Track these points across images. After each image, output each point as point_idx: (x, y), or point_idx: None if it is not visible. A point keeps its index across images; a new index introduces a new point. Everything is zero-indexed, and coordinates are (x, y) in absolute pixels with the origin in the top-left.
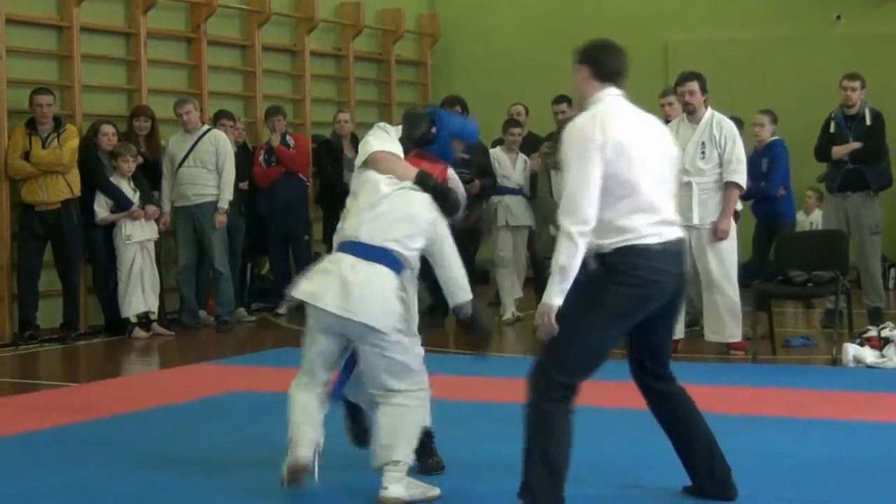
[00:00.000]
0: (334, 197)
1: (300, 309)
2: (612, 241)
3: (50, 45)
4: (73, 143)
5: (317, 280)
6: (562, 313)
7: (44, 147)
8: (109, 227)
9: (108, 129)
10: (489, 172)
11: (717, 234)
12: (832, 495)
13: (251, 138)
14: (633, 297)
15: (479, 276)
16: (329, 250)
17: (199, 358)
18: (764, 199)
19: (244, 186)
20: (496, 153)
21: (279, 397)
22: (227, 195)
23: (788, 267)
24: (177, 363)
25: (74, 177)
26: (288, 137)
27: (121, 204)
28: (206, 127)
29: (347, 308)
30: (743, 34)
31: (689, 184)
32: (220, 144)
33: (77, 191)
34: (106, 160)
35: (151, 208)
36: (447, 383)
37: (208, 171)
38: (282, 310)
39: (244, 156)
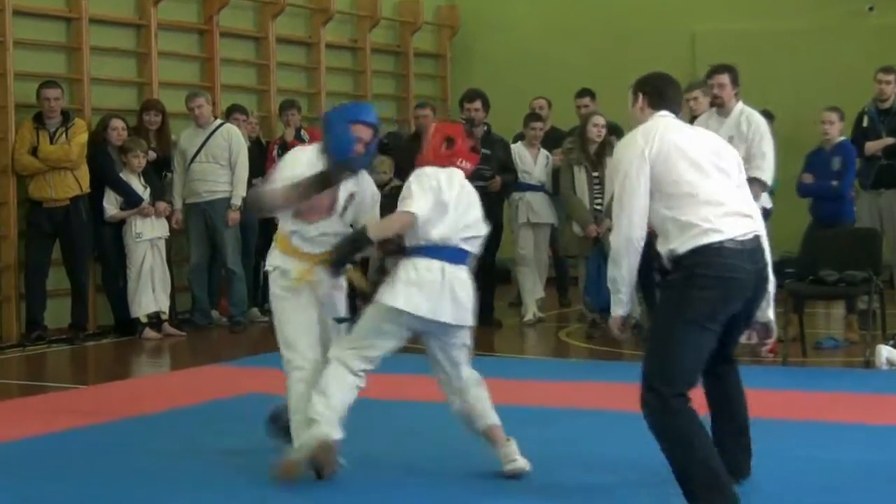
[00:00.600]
0: None
1: None
2: (684, 242)
3: (58, 36)
4: (82, 137)
5: (426, 293)
6: (655, 325)
7: (52, 142)
8: (119, 225)
9: (117, 123)
10: (510, 168)
11: None
12: (863, 500)
13: (265, 133)
14: (715, 299)
15: (500, 275)
16: None
17: (211, 359)
18: (828, 198)
19: (258, 182)
20: (517, 148)
21: None
22: (241, 191)
23: (820, 266)
24: (188, 365)
25: (83, 173)
26: (303, 132)
27: (131, 201)
28: (218, 121)
29: (461, 317)
30: (772, 25)
31: None
32: (233, 139)
33: (86, 187)
34: (115, 155)
35: (162, 205)
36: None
37: (221, 166)
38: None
39: (258, 151)
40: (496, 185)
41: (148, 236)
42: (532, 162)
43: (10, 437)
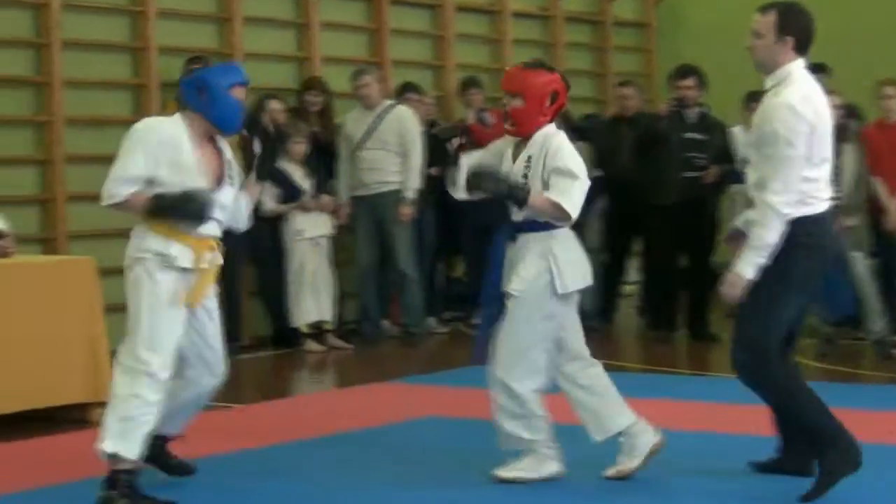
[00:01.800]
0: None
1: None
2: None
3: (207, 6)
4: None
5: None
6: (754, 287)
7: None
8: (276, 221)
9: (275, 104)
10: (729, 157)
11: None
12: None
13: (442, 115)
14: (815, 269)
15: (715, 280)
16: None
17: (381, 376)
18: None
19: (434, 172)
20: (737, 133)
21: (477, 424)
22: (414, 183)
23: None
24: (355, 381)
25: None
26: (485, 114)
27: (290, 193)
28: (388, 102)
29: None
30: None
31: None
32: (406, 123)
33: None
34: (273, 141)
35: (326, 199)
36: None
37: (392, 154)
38: (479, 319)
39: (433, 136)
40: (711, 176)
41: (310, 234)
42: None
43: None
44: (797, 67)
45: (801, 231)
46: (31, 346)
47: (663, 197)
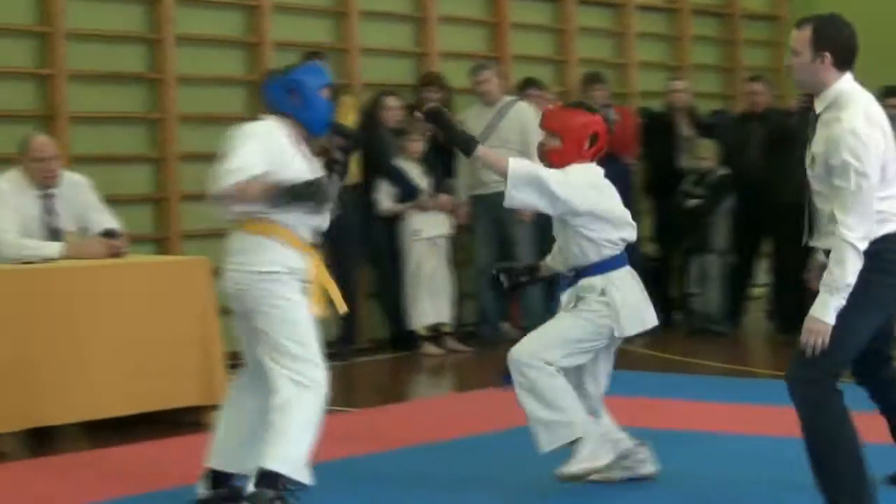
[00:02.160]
0: (666, 184)
1: None
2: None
3: (323, 0)
4: (351, 117)
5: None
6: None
7: None
8: (394, 221)
9: (392, 101)
10: None
11: None
12: None
13: None
14: (893, 287)
15: None
16: (661, 248)
17: (500, 380)
18: None
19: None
20: None
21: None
22: None
23: None
24: (473, 386)
25: (353, 157)
26: (609, 111)
27: (408, 192)
28: (509, 98)
29: None
30: None
31: None
32: (527, 119)
33: (355, 176)
34: (390, 139)
35: (444, 198)
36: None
37: (512, 151)
38: None
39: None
40: None
41: (427, 234)
42: None
43: None
44: (846, 84)
45: (877, 250)
46: (144, 348)
47: (793, 196)
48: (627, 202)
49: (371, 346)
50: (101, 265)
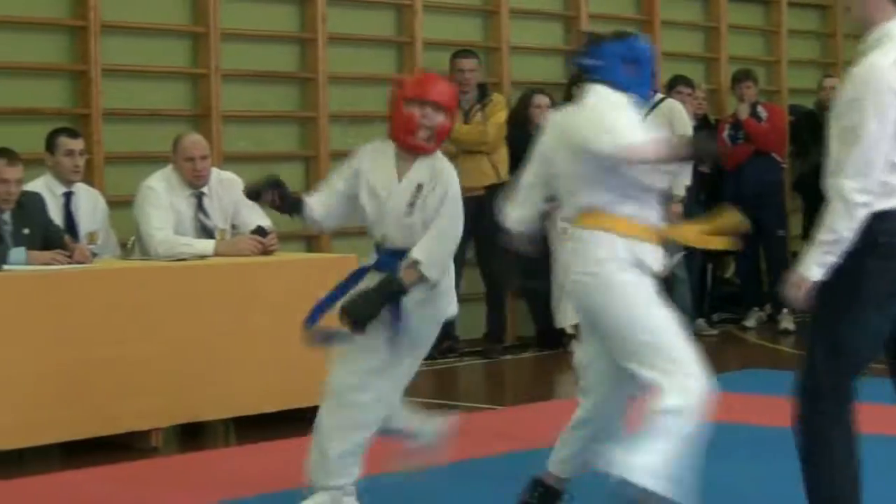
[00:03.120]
0: (816, 182)
1: (771, 320)
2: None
3: None
4: (501, 116)
5: None
6: (821, 299)
7: (465, 121)
8: (542, 220)
9: (541, 99)
10: None
11: None
12: None
13: (714, 110)
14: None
15: None
16: None
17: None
18: None
19: (705, 169)
20: None
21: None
22: (684, 179)
23: None
24: None
25: (501, 157)
26: (759, 108)
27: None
28: (658, 96)
29: None
30: None
31: None
32: (676, 117)
33: (504, 174)
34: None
35: None
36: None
37: None
38: (750, 322)
39: (705, 132)
40: None
41: None
42: None
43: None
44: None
45: (880, 229)
46: (293, 345)
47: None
48: (778, 200)
49: (518, 344)
50: (253, 262)
